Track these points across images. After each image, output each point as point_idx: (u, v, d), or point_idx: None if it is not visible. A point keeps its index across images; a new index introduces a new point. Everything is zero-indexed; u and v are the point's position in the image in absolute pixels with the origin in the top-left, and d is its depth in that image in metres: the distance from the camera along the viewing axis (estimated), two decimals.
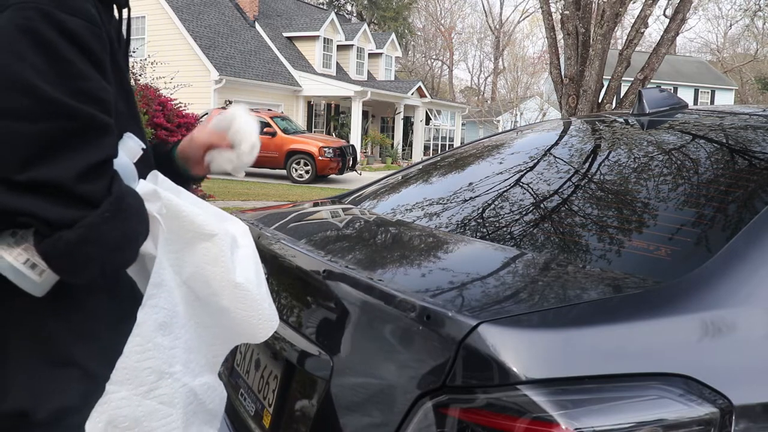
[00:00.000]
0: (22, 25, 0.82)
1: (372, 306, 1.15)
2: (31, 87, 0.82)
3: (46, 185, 0.82)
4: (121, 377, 0.92)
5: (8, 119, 0.81)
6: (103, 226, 0.85)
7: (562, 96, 7.99)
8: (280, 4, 27.35)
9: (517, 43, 51.37)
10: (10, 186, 0.81)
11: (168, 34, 20.10)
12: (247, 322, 1.08)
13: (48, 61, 0.83)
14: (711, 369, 0.98)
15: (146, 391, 0.94)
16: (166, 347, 0.97)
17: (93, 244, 0.85)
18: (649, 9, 7.59)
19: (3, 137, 0.81)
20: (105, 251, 0.87)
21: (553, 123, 2.37)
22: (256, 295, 1.08)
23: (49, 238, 0.83)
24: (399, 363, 1.07)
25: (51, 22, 0.84)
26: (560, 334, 0.98)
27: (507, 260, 1.36)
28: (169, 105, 9.24)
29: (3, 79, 0.82)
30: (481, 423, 0.92)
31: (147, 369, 0.94)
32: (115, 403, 0.92)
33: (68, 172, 0.83)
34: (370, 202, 2.07)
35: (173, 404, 0.97)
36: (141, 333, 0.94)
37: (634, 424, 0.90)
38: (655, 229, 1.35)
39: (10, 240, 0.87)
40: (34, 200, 0.81)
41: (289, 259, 1.47)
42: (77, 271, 0.88)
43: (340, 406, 1.18)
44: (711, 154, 1.62)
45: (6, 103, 0.81)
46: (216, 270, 1.04)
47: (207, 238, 1.03)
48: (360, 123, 22.42)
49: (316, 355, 1.25)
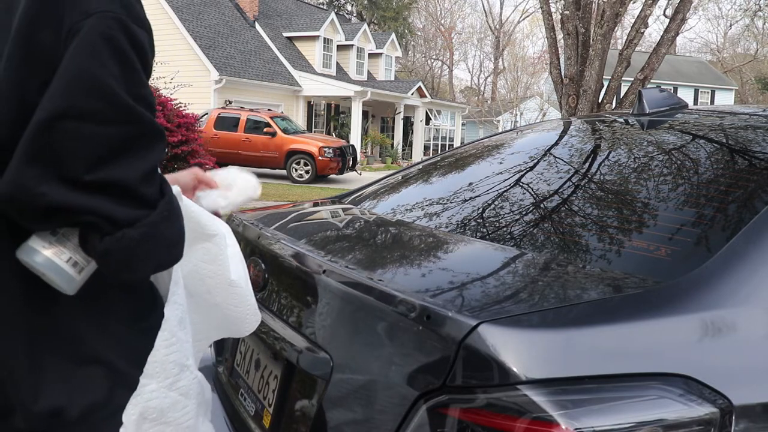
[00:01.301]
0: (105, 34, 0.87)
1: (372, 306, 1.15)
2: (110, 92, 0.86)
3: (113, 185, 0.86)
4: (152, 371, 0.98)
5: (85, 121, 0.85)
6: (162, 225, 0.91)
7: (562, 96, 8.00)
8: (280, 4, 27.35)
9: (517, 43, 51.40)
10: (78, 185, 0.84)
11: (168, 34, 20.08)
12: (235, 317, 1.14)
13: (122, 69, 0.88)
14: (711, 369, 0.98)
15: (171, 383, 1.00)
16: (184, 341, 1.03)
17: (153, 242, 0.90)
18: (649, 9, 7.59)
19: (78, 137, 0.84)
20: (162, 249, 0.93)
21: (553, 123, 2.37)
22: (246, 291, 1.14)
23: (112, 236, 0.87)
24: (399, 363, 1.07)
25: (125, 32, 0.89)
26: (560, 334, 0.98)
27: (507, 260, 1.36)
28: (169, 105, 9.24)
29: (86, 82, 0.85)
30: (481, 423, 0.92)
31: (172, 362, 1.00)
32: (146, 395, 0.98)
33: (133, 173, 0.88)
34: (370, 202, 2.07)
35: (189, 395, 1.03)
36: (168, 328, 1.00)
37: (634, 424, 0.90)
38: (655, 229, 1.35)
39: (51, 238, 0.90)
40: (100, 199, 0.85)
41: (289, 259, 1.48)
42: (137, 268, 0.92)
43: (339, 406, 1.18)
44: (711, 154, 1.62)
45: (85, 105, 0.85)
46: (213, 268, 1.09)
47: (208, 238, 1.08)
48: (360, 123, 22.42)
49: (316, 355, 1.25)
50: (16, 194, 0.83)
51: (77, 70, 0.85)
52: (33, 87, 0.85)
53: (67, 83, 0.84)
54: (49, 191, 0.83)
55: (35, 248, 0.89)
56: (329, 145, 16.26)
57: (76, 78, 0.85)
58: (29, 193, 0.83)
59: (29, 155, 0.83)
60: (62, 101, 0.84)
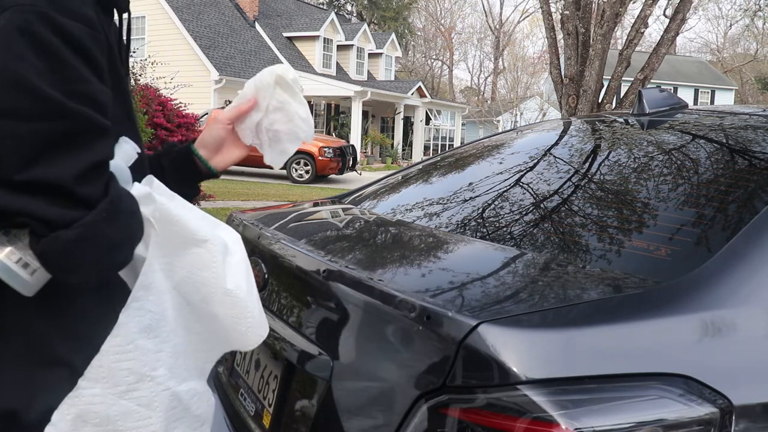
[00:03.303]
0: (21, 27, 0.83)
1: (372, 306, 1.15)
2: (30, 87, 0.82)
3: (46, 185, 0.82)
4: (95, 375, 0.93)
5: (8, 119, 0.81)
6: (100, 225, 0.86)
7: (562, 96, 7.99)
8: (280, 4, 27.36)
9: (517, 43, 51.41)
10: (10, 186, 0.81)
11: (168, 34, 20.10)
12: (236, 329, 1.08)
13: (47, 63, 0.84)
14: (711, 369, 0.98)
15: (123, 391, 0.94)
16: (150, 350, 0.96)
17: (90, 244, 0.86)
18: (649, 9, 7.58)
19: (2, 137, 0.81)
20: (101, 251, 0.88)
21: (553, 123, 2.37)
22: (246, 302, 1.07)
23: (47, 238, 0.83)
24: (399, 363, 1.07)
25: (49, 25, 0.84)
26: (560, 334, 0.98)
27: (507, 260, 1.36)
28: (169, 105, 9.23)
29: (3, 78, 0.82)
30: (481, 423, 0.92)
31: (125, 370, 0.94)
32: (86, 398, 0.93)
33: (67, 172, 0.83)
34: (370, 202, 2.07)
35: (152, 407, 0.97)
36: (121, 334, 0.94)
37: (634, 424, 0.90)
38: (655, 229, 1.35)
39: (3, 239, 0.87)
40: (33, 200, 0.82)
41: (289, 259, 1.47)
42: (73, 270, 0.88)
43: (340, 406, 1.18)
44: (711, 154, 1.62)
45: (6, 103, 0.82)
46: (206, 275, 1.03)
47: (199, 244, 1.02)
48: (360, 123, 22.41)
49: (316, 355, 1.25)
50: None
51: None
52: None
53: None
54: None
55: None
56: (329, 145, 16.26)
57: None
58: None
59: None
60: None
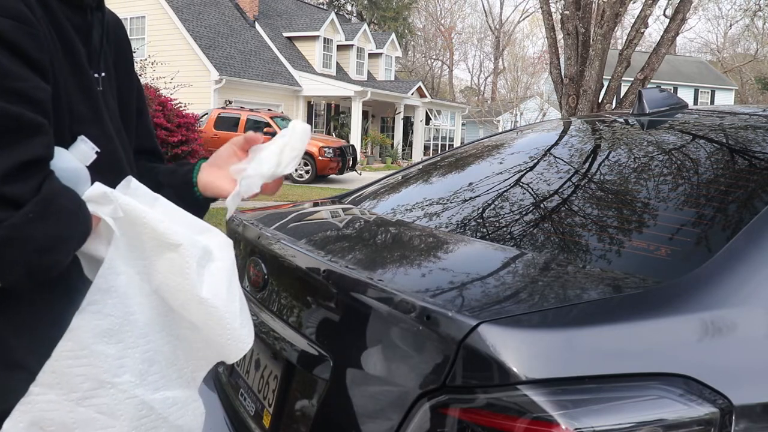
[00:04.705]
0: None
1: (372, 306, 1.15)
2: None
3: None
4: (48, 380, 0.90)
5: None
6: (27, 226, 0.81)
7: (562, 96, 8.00)
8: (280, 4, 27.35)
9: (517, 43, 51.43)
10: None
11: (168, 34, 20.10)
12: (215, 340, 1.02)
13: None
14: (711, 369, 0.98)
15: (80, 398, 0.91)
16: (110, 356, 0.92)
17: (16, 246, 0.81)
18: (649, 9, 7.59)
19: None
20: (30, 253, 0.83)
21: (553, 123, 2.37)
22: (224, 312, 1.00)
23: None
24: (399, 363, 1.07)
25: None
26: (560, 334, 0.98)
27: (507, 260, 1.36)
28: (169, 105, 9.23)
29: None
30: (481, 423, 0.92)
31: (80, 376, 0.90)
32: (41, 405, 0.89)
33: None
34: (370, 202, 2.07)
35: (115, 415, 0.93)
36: (74, 338, 0.90)
37: (634, 424, 0.90)
38: (655, 229, 1.35)
39: None
40: None
41: (289, 259, 1.47)
42: (1, 273, 0.84)
43: (340, 406, 1.18)
44: (711, 154, 1.62)
45: None
46: (181, 282, 0.98)
47: (172, 248, 0.97)
48: (360, 123, 22.41)
49: (316, 355, 1.25)
50: None
51: None
52: None
53: None
54: None
55: None
56: (329, 145, 16.26)
57: None
58: None
59: None
60: None
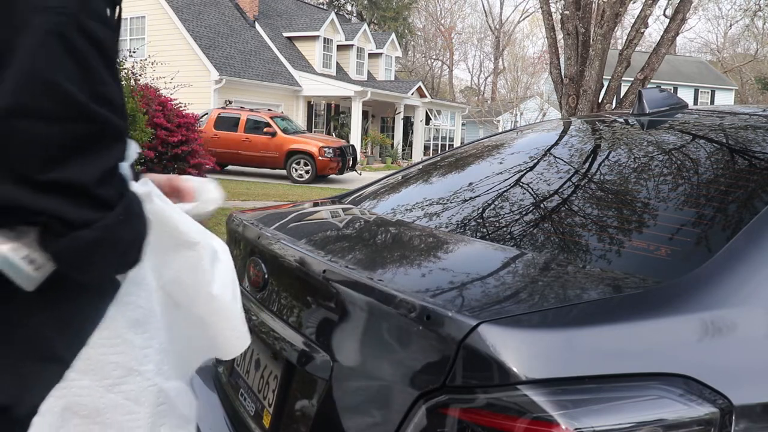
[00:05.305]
0: (56, 31, 0.84)
1: (372, 306, 1.15)
2: (61, 91, 0.84)
3: (68, 186, 0.84)
4: (84, 367, 0.95)
5: (35, 119, 0.83)
6: (118, 228, 0.88)
7: (562, 96, 8.00)
8: (280, 4, 27.35)
9: (517, 43, 51.44)
10: (33, 185, 0.82)
11: (168, 34, 20.09)
12: (220, 335, 1.09)
13: (76, 67, 0.85)
14: (711, 369, 0.98)
15: (111, 384, 0.96)
16: (138, 345, 0.99)
17: (108, 245, 0.88)
18: (649, 9, 7.59)
19: (29, 137, 0.82)
20: (117, 252, 0.91)
21: (553, 123, 2.37)
22: (230, 309, 1.08)
23: (65, 237, 0.85)
24: (399, 363, 1.07)
25: (79, 29, 0.86)
26: (560, 334, 0.98)
27: (507, 260, 1.36)
28: (169, 105, 9.23)
29: (35, 80, 0.83)
30: (481, 423, 0.92)
31: (113, 363, 0.96)
32: (75, 390, 0.95)
33: (89, 174, 0.85)
34: (370, 202, 2.07)
35: (139, 402, 0.99)
36: (110, 327, 0.96)
37: (634, 424, 0.90)
38: (655, 229, 1.35)
39: (10, 234, 0.88)
40: (55, 200, 0.83)
41: (289, 259, 1.47)
42: (89, 270, 0.91)
43: (340, 406, 1.18)
44: (711, 154, 1.62)
45: (36, 104, 0.83)
46: (194, 278, 1.05)
47: (189, 246, 1.04)
48: (360, 123, 22.41)
49: (316, 355, 1.25)
50: None
51: (26, 67, 0.83)
52: None
53: (16, 81, 0.82)
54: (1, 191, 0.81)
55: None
56: (329, 145, 16.25)
57: (25, 76, 0.83)
58: None
59: None
60: (10, 99, 0.82)
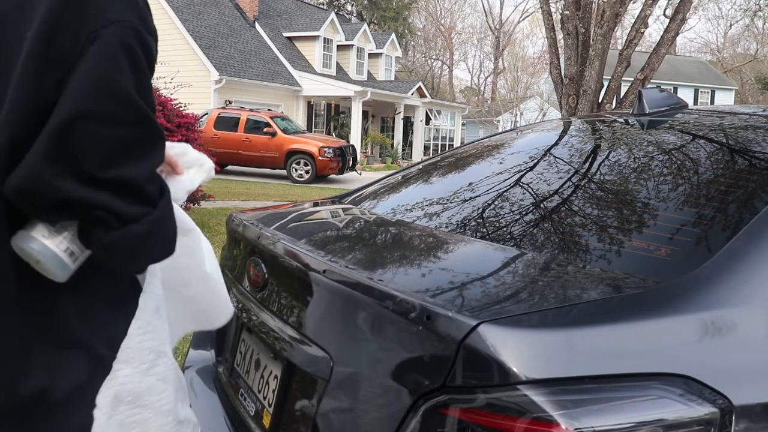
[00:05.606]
0: (124, 42, 0.94)
1: (372, 306, 1.15)
2: (127, 97, 0.93)
3: (124, 183, 0.93)
4: (126, 356, 1.04)
5: (104, 122, 0.91)
6: (162, 222, 0.99)
7: (562, 96, 8.00)
8: (280, 4, 27.35)
9: (517, 43, 51.44)
10: (94, 182, 0.90)
11: (168, 34, 20.04)
12: (209, 309, 1.25)
13: (137, 75, 0.95)
14: (711, 369, 0.98)
15: (147, 368, 1.06)
16: (161, 329, 1.10)
17: (155, 238, 0.98)
18: (649, 9, 7.59)
19: (96, 137, 0.91)
20: (162, 244, 1.01)
21: (553, 123, 2.37)
22: (220, 284, 1.23)
23: (117, 231, 0.93)
24: (399, 363, 1.07)
25: (140, 41, 0.96)
26: (560, 334, 0.98)
27: (507, 260, 1.36)
28: (169, 105, 9.21)
29: (107, 86, 0.92)
30: (481, 423, 0.92)
31: (147, 349, 1.07)
32: (121, 379, 1.03)
33: (142, 172, 0.95)
34: (370, 202, 2.07)
35: (167, 380, 1.09)
36: (142, 316, 1.06)
37: (634, 424, 0.90)
38: (655, 229, 1.35)
39: (51, 228, 0.95)
40: (111, 196, 0.92)
41: (289, 259, 1.47)
42: (137, 261, 1.01)
43: (339, 406, 1.18)
44: (711, 154, 1.62)
45: (105, 108, 0.92)
46: (190, 262, 1.18)
47: (186, 233, 1.15)
48: (360, 123, 22.41)
49: (316, 355, 1.25)
50: (35, 188, 0.88)
51: (98, 74, 0.91)
52: (49, 86, 0.90)
53: (88, 86, 0.91)
54: (66, 187, 0.89)
55: (35, 237, 0.93)
56: (329, 145, 16.25)
57: (97, 82, 0.91)
58: (48, 188, 0.88)
59: (49, 152, 0.88)
60: (84, 103, 0.90)
